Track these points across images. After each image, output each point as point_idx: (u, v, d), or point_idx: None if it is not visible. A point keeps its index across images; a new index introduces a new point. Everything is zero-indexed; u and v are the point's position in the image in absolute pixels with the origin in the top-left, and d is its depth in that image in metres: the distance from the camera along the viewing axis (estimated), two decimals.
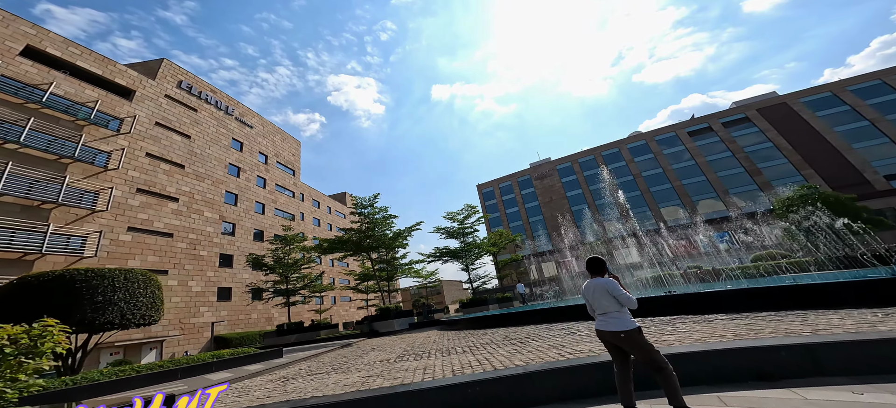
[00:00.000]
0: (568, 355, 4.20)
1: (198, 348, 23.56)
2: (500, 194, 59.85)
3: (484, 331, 9.35)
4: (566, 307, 8.41)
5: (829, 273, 13.20)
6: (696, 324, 5.30)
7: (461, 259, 25.90)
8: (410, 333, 14.35)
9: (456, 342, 7.75)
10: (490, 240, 28.07)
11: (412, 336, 12.06)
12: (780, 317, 4.99)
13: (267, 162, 41.06)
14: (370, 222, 22.55)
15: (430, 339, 9.86)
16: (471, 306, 22.22)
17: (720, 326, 4.86)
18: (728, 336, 4.06)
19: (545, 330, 7.10)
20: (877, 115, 35.85)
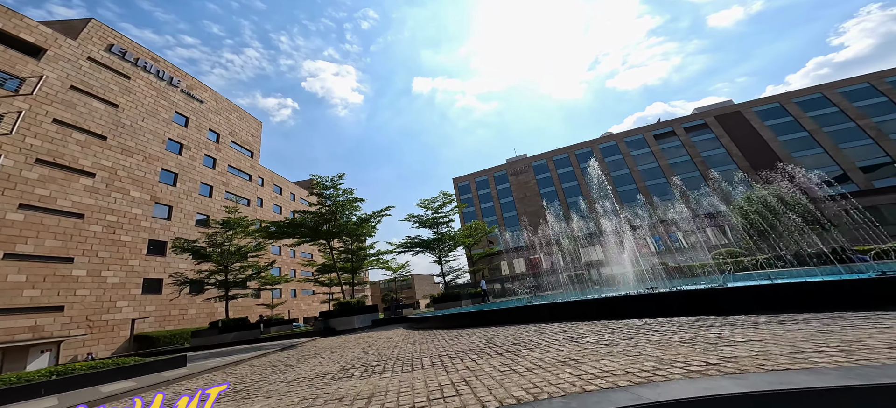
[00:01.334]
0: (598, 380, 2.75)
1: (111, 350, 19.77)
2: (476, 189, 59.74)
3: (458, 332, 7.82)
4: (556, 305, 7.10)
5: (794, 270, 13.34)
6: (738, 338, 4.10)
7: (434, 250, 24.32)
8: (372, 331, 12.48)
9: (423, 348, 6.12)
10: (465, 232, 26.75)
11: (373, 336, 10.23)
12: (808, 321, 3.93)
13: (219, 141, 36.58)
14: (332, 205, 19.82)
15: (393, 341, 8.14)
16: (442, 301, 20.74)
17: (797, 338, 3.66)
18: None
19: (536, 334, 5.69)
20: (815, 126, 39.53)
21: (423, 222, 24.33)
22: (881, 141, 37.31)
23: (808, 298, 4.77)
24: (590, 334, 4.81)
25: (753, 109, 43.39)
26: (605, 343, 4.05)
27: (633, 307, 6.04)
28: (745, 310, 5.04)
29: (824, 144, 39.00)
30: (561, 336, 5.04)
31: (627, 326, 5.15)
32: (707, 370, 2.52)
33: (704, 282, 13.85)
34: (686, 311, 5.50)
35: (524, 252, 47.17)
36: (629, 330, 4.75)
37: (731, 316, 4.86)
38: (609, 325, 5.49)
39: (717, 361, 2.74)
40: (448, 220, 24.96)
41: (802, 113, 40.71)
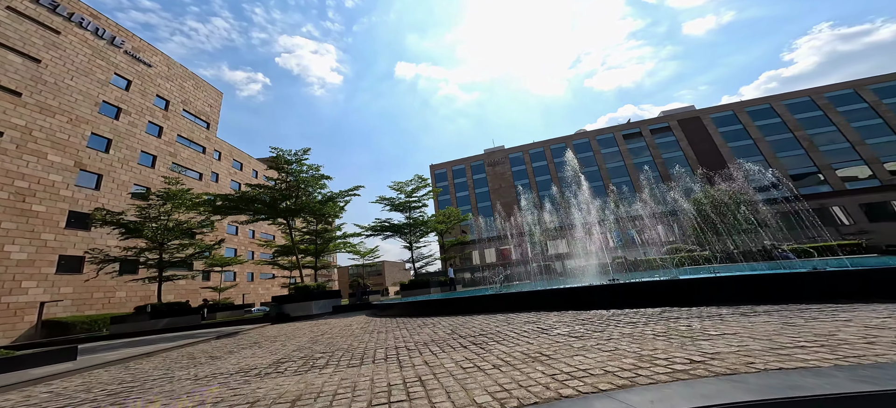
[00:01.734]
0: (574, 381, 2.35)
1: (11, 338, 17.15)
2: (452, 177, 59.64)
3: (422, 321, 7.35)
4: (525, 294, 6.84)
5: (735, 265, 14.38)
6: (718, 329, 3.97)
7: (405, 235, 23.63)
8: (332, 318, 11.67)
9: (382, 337, 5.56)
10: (438, 217, 26.28)
11: (329, 324, 9.47)
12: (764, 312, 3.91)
13: (168, 108, 32.81)
14: (294, 181, 18.09)
15: (350, 329, 7.49)
16: (411, 288, 20.29)
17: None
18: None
19: (504, 324, 5.35)
20: (759, 135, 43.41)
21: (395, 205, 23.44)
22: (812, 152, 41.82)
23: (759, 290, 4.82)
24: (560, 326, 4.52)
25: (711, 115, 46.71)
26: (577, 336, 3.74)
27: (601, 297, 5.90)
28: (705, 301, 5.02)
29: (765, 151, 43.03)
30: (530, 327, 4.71)
31: (596, 317, 4.95)
32: (694, 369, 2.21)
33: (660, 274, 14.58)
34: (651, 302, 5.42)
35: (496, 242, 47.92)
36: (599, 321, 4.52)
37: (693, 307, 4.80)
38: (578, 316, 5.26)
39: (700, 358, 2.45)
40: (421, 204, 24.30)
41: (751, 122, 44.49)
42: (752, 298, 4.79)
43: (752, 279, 5.06)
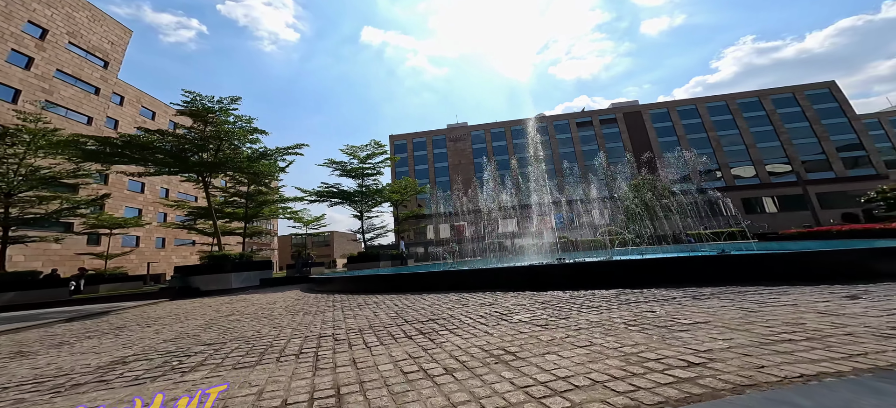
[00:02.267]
0: (559, 400, 1.71)
1: None
2: (413, 149, 57.77)
3: (365, 299, 6.46)
4: (480, 272, 6.33)
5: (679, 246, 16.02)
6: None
7: (356, 203, 21.96)
8: (256, 293, 10.07)
9: (306, 321, 4.52)
10: (393, 187, 24.92)
11: (247, 301, 7.98)
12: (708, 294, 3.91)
13: (45, 38, 25.63)
14: (215, 131, 14.93)
15: (271, 309, 6.21)
16: (360, 261, 19.10)
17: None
18: None
19: (458, 306, 4.73)
20: (683, 133, 49.25)
21: (346, 171, 21.40)
22: (718, 151, 48.90)
23: (698, 272, 4.92)
24: (520, 310, 4.02)
25: (650, 111, 51.46)
26: (541, 324, 3.23)
27: (557, 277, 5.62)
28: (652, 283, 4.99)
29: (685, 148, 49.10)
30: (487, 310, 4.14)
31: (555, 299, 4.58)
32: (700, 377, 1.72)
33: (597, 255, 15.66)
34: (604, 283, 5.26)
35: (452, 218, 48.20)
36: (559, 305, 4.13)
37: (645, 289, 4.70)
38: (535, 297, 4.86)
39: (697, 359, 2.01)
40: (376, 172, 22.65)
41: (679, 120, 50.14)
42: (692, 280, 4.85)
43: (692, 262, 5.14)
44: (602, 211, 36.17)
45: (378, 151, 22.22)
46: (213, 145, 14.75)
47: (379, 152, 22.27)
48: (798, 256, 4.87)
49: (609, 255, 13.34)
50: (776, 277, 4.62)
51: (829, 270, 4.52)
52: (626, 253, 15.66)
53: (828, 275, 4.41)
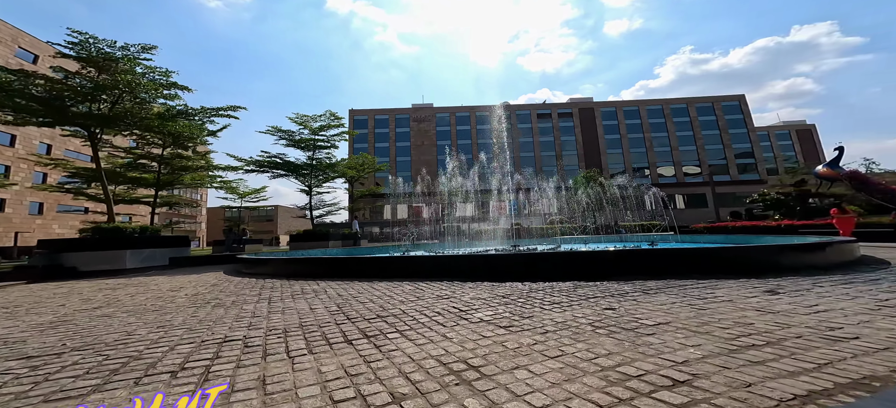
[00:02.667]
0: None
1: None
2: (374, 126, 54.80)
3: (303, 286, 5.61)
4: (437, 259, 5.90)
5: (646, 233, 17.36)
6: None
7: (303, 177, 19.91)
8: (161, 275, 8.34)
9: (214, 317, 3.52)
10: (349, 162, 23.13)
11: (141, 285, 6.43)
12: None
13: None
14: (110, 80, 11.80)
15: (172, 298, 4.92)
16: (305, 239, 17.52)
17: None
18: None
19: (412, 298, 4.23)
20: (625, 132, 54.21)
21: (294, 141, 19.09)
22: (650, 151, 55.05)
23: (640, 265, 5.13)
24: (480, 305, 3.66)
25: (601, 109, 55.37)
26: (505, 324, 2.89)
27: (515, 267, 5.44)
28: (602, 275, 5.08)
29: (624, 146, 54.39)
30: (444, 305, 3.71)
31: (515, 292, 4.35)
32: (692, 401, 1.48)
33: (547, 242, 16.51)
34: (559, 274, 5.21)
35: (410, 199, 47.22)
36: (520, 299, 3.88)
37: (598, 282, 4.74)
38: (495, 289, 4.59)
39: (680, 375, 1.78)
40: (330, 145, 20.68)
41: (623, 119, 54.97)
42: (636, 272, 5.02)
43: (635, 255, 5.34)
44: (553, 201, 38.38)
45: (333, 123, 20.22)
46: (109, 97, 11.61)
47: (335, 125, 20.30)
48: (720, 251, 5.28)
49: (557, 243, 14.14)
50: (703, 270, 4.96)
51: (743, 264, 4.97)
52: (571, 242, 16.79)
53: (743, 269, 4.84)
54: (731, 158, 55.91)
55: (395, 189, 47.25)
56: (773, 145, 66.50)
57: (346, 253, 14.41)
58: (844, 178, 12.08)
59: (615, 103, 57.24)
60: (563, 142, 54.32)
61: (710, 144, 56.47)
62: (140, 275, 9.20)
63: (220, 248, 19.39)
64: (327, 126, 20.01)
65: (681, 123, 56.47)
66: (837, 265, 5.20)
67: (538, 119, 55.25)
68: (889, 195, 11.34)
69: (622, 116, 55.63)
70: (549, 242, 15.77)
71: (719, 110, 57.66)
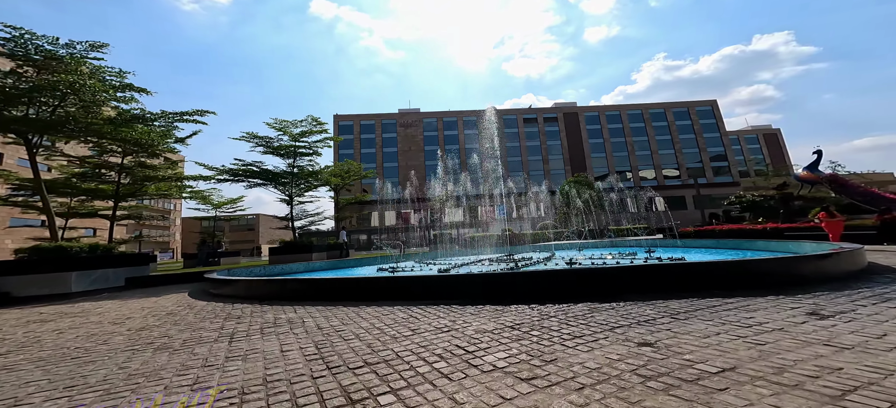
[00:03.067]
0: None
1: None
2: (360, 132, 53.76)
3: (277, 313, 4.82)
4: (431, 281, 5.27)
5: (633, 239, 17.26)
6: None
7: (283, 186, 18.79)
8: (112, 300, 7.20)
9: (150, 367, 2.56)
10: (333, 170, 22.13)
11: (81, 314, 5.34)
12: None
13: None
14: (51, 81, 10.34)
15: (107, 336, 3.90)
16: (286, 252, 16.44)
17: None
18: None
19: (405, 332, 3.58)
20: (607, 136, 55.49)
21: (273, 148, 17.95)
22: (631, 154, 56.51)
23: (651, 281, 4.70)
24: (487, 341, 3.06)
25: (585, 113, 56.50)
26: (525, 375, 2.28)
27: (518, 288, 4.88)
28: (616, 293, 4.61)
29: (607, 150, 55.64)
30: (445, 343, 3.08)
31: (523, 319, 3.78)
32: None
33: (540, 251, 16.17)
34: (569, 294, 4.69)
35: (398, 205, 46.30)
36: (533, 330, 3.31)
37: (613, 302, 4.26)
38: (500, 316, 4.01)
39: None
40: (312, 152, 19.65)
41: (606, 124, 56.29)
42: (654, 290, 4.58)
43: (651, 270, 4.90)
44: (543, 206, 38.49)
45: (316, 129, 19.21)
46: (49, 99, 10.22)
47: (317, 130, 19.28)
48: (737, 265, 4.92)
49: (551, 251, 13.81)
50: (721, 286, 4.55)
51: (761, 278, 4.60)
52: (565, 248, 16.53)
53: (762, 283, 4.47)
54: (706, 161, 58.28)
55: (383, 196, 46.22)
56: (743, 149, 69.99)
57: (330, 265, 13.48)
58: (824, 181, 12.19)
59: (598, 108, 58.68)
60: (549, 146, 54.98)
61: (687, 148, 58.71)
62: (87, 300, 8.04)
63: (193, 261, 17.92)
64: (309, 132, 18.95)
65: (659, 128, 58.47)
66: (851, 274, 4.95)
67: (524, 124, 55.76)
68: (869, 197, 11.46)
69: (605, 120, 57.07)
70: (543, 250, 15.43)
71: (694, 115, 60.15)
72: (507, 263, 10.64)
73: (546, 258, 11.04)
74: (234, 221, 36.27)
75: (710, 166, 58.56)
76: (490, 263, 11.05)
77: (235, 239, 79.59)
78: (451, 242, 21.09)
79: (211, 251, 16.57)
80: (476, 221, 27.37)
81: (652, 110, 59.52)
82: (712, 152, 59.30)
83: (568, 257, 10.30)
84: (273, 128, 18.44)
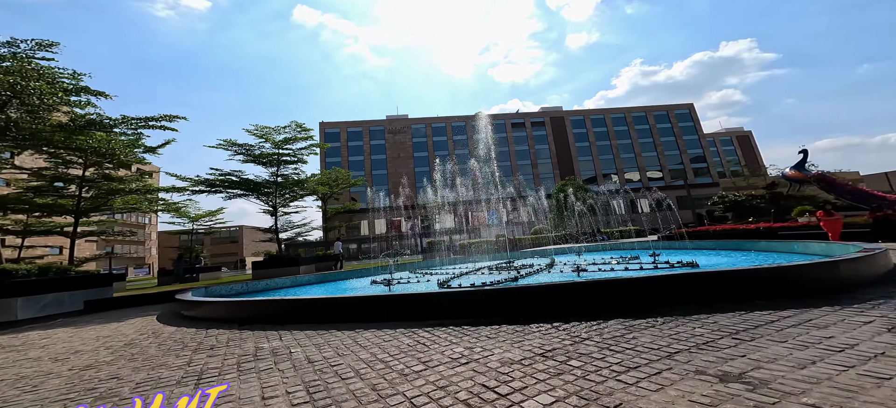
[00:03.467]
0: None
1: None
2: (347, 139, 52.81)
3: (258, 341, 4.06)
4: (437, 297, 4.68)
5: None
6: None
7: (266, 196, 17.75)
8: (63, 328, 6.17)
9: None
10: (320, 179, 21.20)
11: (19, 347, 4.54)
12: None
13: None
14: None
15: (40, 380, 3.20)
16: (269, 266, 15.43)
17: None
18: None
19: (417, 366, 2.96)
20: (593, 139, 56.51)
21: (254, 156, 16.90)
22: (617, 157, 57.66)
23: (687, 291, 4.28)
24: (519, 377, 2.47)
25: (570, 117, 57.42)
26: None
27: (531, 302, 4.35)
28: (646, 309, 4.14)
29: (594, 154, 56.63)
30: (468, 384, 2.45)
31: (554, 344, 3.24)
32: None
33: (538, 256, 15.78)
34: (590, 309, 4.19)
35: (388, 213, 45.32)
36: (572, 359, 2.78)
37: (647, 318, 3.79)
38: (523, 339, 3.46)
39: None
40: (297, 160, 18.65)
41: (592, 127, 57.37)
42: (681, 302, 4.13)
43: (680, 280, 4.48)
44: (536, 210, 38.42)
45: (300, 135, 18.21)
46: None
47: (302, 137, 18.27)
48: (771, 272, 4.51)
49: (551, 256, 13.44)
50: (758, 294, 4.12)
51: (801, 285, 4.20)
52: (565, 252, 16.20)
53: (802, 291, 4.09)
54: (687, 163, 60.14)
55: (373, 204, 45.14)
56: (719, 151, 72.81)
57: (319, 278, 12.59)
58: (812, 179, 12.22)
59: (583, 112, 59.85)
60: (537, 150, 55.43)
61: (669, 150, 60.46)
62: (37, 328, 6.98)
63: (169, 278, 16.51)
64: (293, 139, 17.90)
65: (642, 131, 60.07)
66: (884, 277, 4.67)
67: (513, 129, 56.09)
68: (858, 195, 11.47)
69: (590, 124, 58.16)
70: (541, 255, 15.04)
71: (673, 118, 62.18)
72: (509, 270, 10.12)
73: (548, 265, 10.61)
74: (214, 234, 34.46)
75: (691, 168, 60.45)
76: (490, 271, 10.51)
77: (218, 252, 76.14)
78: (446, 250, 20.48)
79: (188, 267, 15.32)
80: (469, 227, 26.94)
81: (634, 114, 61.17)
82: (692, 154, 61.30)
83: (573, 263, 9.86)
84: (254, 135, 17.33)
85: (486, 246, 18.78)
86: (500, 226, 37.08)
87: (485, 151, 44.55)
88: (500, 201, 40.52)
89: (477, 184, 20.35)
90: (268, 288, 10.51)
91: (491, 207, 37.32)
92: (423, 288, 7.04)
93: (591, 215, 27.21)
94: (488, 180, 21.60)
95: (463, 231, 25.44)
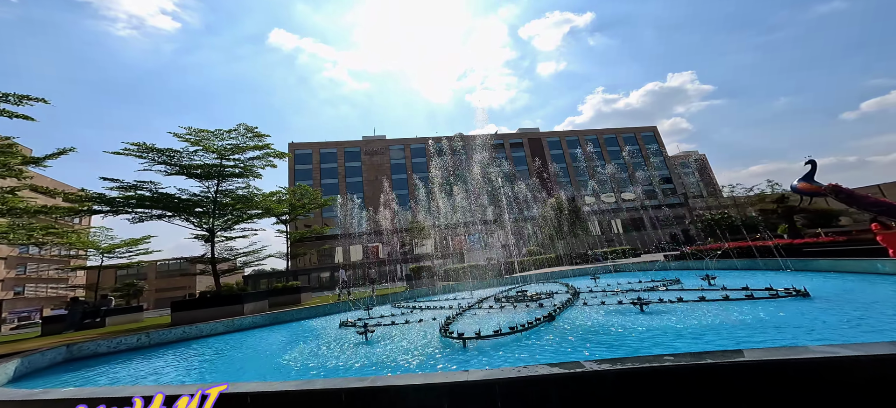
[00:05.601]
0: None
1: None
2: (319, 160, 49.12)
3: None
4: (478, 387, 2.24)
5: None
6: None
7: (198, 218, 14.23)
8: None
9: None
10: (278, 195, 17.93)
11: None
12: None
13: None
14: None
15: None
16: (200, 306, 11.98)
17: None
18: None
19: None
20: (570, 160, 57.50)
21: (181, 166, 13.18)
22: (592, 178, 58.74)
23: None
24: None
25: (547, 138, 58.41)
26: None
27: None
28: None
29: (571, 175, 57.44)
30: None
31: None
32: None
33: (546, 281, 13.65)
34: None
35: (363, 238, 41.73)
36: None
37: None
38: None
39: None
40: (247, 173, 14.84)
41: (567, 148, 58.51)
42: None
43: None
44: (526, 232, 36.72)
45: (251, 143, 14.47)
46: None
47: (253, 145, 14.54)
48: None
49: (560, 282, 11.43)
50: None
51: None
52: (570, 276, 14.20)
53: None
54: (656, 183, 62.76)
55: (347, 229, 41.38)
56: (679, 173, 77.54)
57: (269, 320, 9.45)
58: (827, 191, 10.89)
59: (559, 133, 61.34)
60: (518, 172, 55.30)
61: (639, 171, 63.01)
62: None
63: (57, 327, 12.17)
64: (241, 147, 14.28)
65: (613, 152, 62.42)
66: None
67: (493, 150, 55.87)
68: (884, 207, 10.05)
69: (565, 145, 59.57)
70: (548, 281, 12.95)
71: (640, 140, 65.45)
72: (526, 302, 7.85)
73: (572, 294, 8.46)
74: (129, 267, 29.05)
75: (661, 188, 63.07)
76: (499, 303, 8.17)
77: (165, 286, 66.79)
78: (431, 277, 17.79)
79: (88, 311, 11.35)
80: (454, 251, 24.63)
81: (606, 136, 63.75)
82: (660, 176, 64.25)
83: (608, 289, 7.76)
84: (184, 139, 13.46)
85: (488, 271, 16.43)
86: (490, 249, 34.96)
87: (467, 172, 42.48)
88: (487, 224, 38.72)
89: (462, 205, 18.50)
90: (183, 338, 7.39)
91: (475, 231, 35.37)
92: (427, 379, 4.62)
93: (585, 235, 26.09)
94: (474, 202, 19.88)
95: (448, 255, 23.00)
